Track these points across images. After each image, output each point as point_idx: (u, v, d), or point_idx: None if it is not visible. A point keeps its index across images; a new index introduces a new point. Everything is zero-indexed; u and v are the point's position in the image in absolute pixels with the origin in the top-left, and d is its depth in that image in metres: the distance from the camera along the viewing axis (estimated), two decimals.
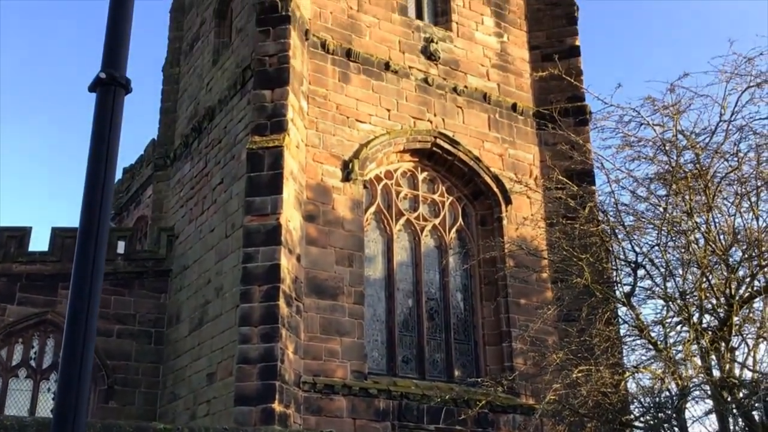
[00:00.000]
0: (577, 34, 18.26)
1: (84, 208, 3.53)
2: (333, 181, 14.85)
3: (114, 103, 3.55)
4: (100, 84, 3.53)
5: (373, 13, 16.67)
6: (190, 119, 18.13)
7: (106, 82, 3.52)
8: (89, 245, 3.79)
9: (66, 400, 3.18)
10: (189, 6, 20.10)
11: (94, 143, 3.65)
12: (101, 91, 3.54)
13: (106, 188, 3.74)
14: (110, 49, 3.57)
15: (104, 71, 3.51)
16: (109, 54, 3.56)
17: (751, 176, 9.99)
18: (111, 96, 3.55)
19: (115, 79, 3.53)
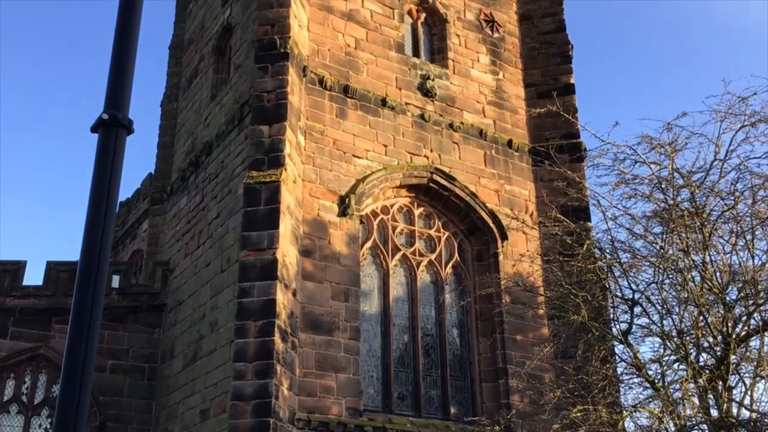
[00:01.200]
0: (571, 72, 18.49)
1: (84, 247, 3.52)
2: (329, 216, 14.87)
3: (116, 143, 3.58)
4: (102, 125, 3.55)
5: (371, 50, 16.88)
6: (188, 154, 18.20)
7: (108, 122, 3.55)
8: (88, 285, 3.78)
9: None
10: (188, 43, 20.31)
11: (95, 183, 3.66)
12: (103, 131, 3.57)
13: (107, 228, 3.75)
14: (113, 91, 3.60)
15: (107, 112, 3.54)
16: (112, 95, 3.59)
17: (746, 215, 10.06)
18: (113, 136, 3.58)
19: (117, 120, 3.55)
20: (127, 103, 3.65)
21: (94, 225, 3.75)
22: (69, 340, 3.53)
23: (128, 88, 3.65)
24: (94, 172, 3.67)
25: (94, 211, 3.76)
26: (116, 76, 3.64)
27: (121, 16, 3.61)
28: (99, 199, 3.74)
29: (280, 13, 15.22)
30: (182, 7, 21.14)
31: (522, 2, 19.55)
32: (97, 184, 3.70)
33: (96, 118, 3.56)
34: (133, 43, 3.69)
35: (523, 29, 19.26)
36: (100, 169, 3.64)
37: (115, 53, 3.64)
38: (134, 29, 3.63)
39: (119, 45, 3.64)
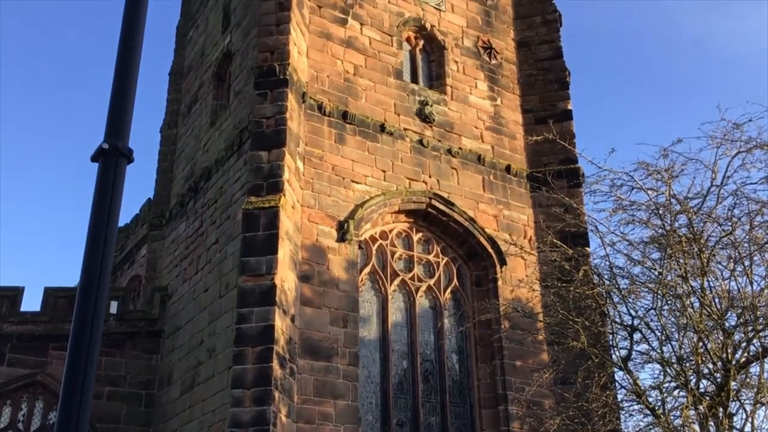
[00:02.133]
0: (569, 98, 18.61)
1: (83, 278, 3.53)
2: (328, 242, 14.86)
3: (116, 172, 3.60)
4: (102, 154, 3.58)
5: (369, 76, 17.00)
6: (187, 179, 18.25)
7: (108, 152, 3.58)
8: (87, 313, 3.78)
9: None
10: (188, 69, 20.47)
11: (94, 212, 3.68)
12: (103, 161, 3.59)
13: (106, 256, 3.76)
14: (113, 120, 3.64)
15: (107, 142, 3.57)
16: (113, 125, 3.63)
17: (744, 241, 10.07)
18: (113, 166, 3.60)
19: (117, 149, 3.58)
20: (128, 132, 3.68)
21: (94, 254, 3.76)
22: (67, 367, 3.53)
23: (128, 118, 3.68)
24: (94, 201, 3.69)
25: (93, 240, 3.77)
26: (117, 106, 3.67)
27: (122, 47, 3.65)
28: (98, 228, 3.76)
29: (280, 41, 15.36)
30: (182, 34, 21.33)
31: (519, 29, 19.75)
32: (96, 213, 3.72)
33: (96, 148, 3.59)
34: (134, 73, 3.73)
35: (520, 56, 19.43)
36: (99, 198, 3.66)
37: (116, 83, 3.68)
38: (135, 60, 3.67)
39: (120, 75, 3.68)
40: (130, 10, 3.60)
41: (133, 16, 3.57)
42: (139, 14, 3.55)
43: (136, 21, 3.57)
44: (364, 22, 17.49)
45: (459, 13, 19.08)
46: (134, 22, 3.55)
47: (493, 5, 19.77)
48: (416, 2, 18.50)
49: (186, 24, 21.43)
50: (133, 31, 3.59)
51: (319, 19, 16.87)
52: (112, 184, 3.61)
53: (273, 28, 15.53)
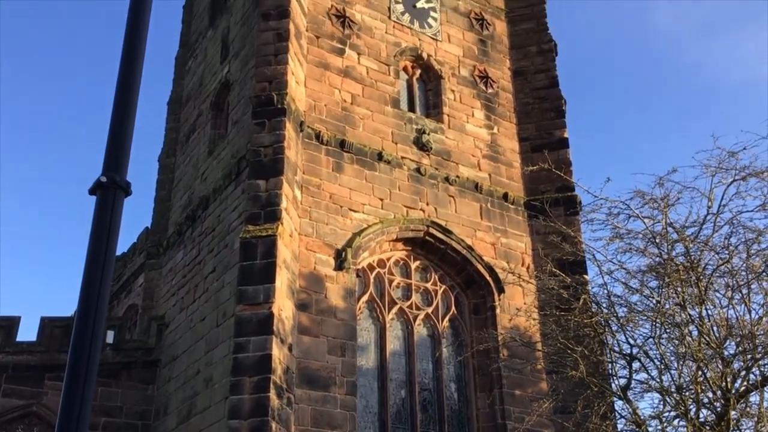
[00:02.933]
0: (565, 126, 18.73)
1: (80, 310, 3.52)
2: (326, 270, 14.84)
3: (113, 205, 3.61)
4: (100, 187, 3.60)
5: (367, 105, 17.12)
6: (185, 208, 18.27)
7: (106, 185, 3.59)
8: (84, 345, 3.76)
9: None
10: (186, 99, 20.60)
11: (92, 245, 3.68)
12: (101, 194, 3.60)
13: (103, 288, 3.75)
14: (112, 153, 3.65)
15: (105, 175, 3.58)
16: (111, 158, 3.64)
17: (741, 269, 10.08)
18: (111, 199, 3.62)
19: (115, 182, 3.59)
20: (126, 165, 3.70)
21: (91, 286, 3.76)
22: (63, 397, 3.51)
23: (127, 151, 3.70)
24: (92, 233, 3.70)
25: (90, 273, 3.76)
26: (115, 139, 3.69)
27: (120, 81, 3.69)
28: (96, 261, 3.76)
29: (278, 71, 15.49)
30: (181, 64, 21.51)
31: (515, 59, 19.93)
32: (94, 246, 3.72)
33: (94, 181, 3.60)
34: (133, 107, 3.76)
35: (516, 85, 19.59)
36: (97, 230, 3.66)
37: (115, 117, 3.71)
38: (133, 93, 3.70)
39: (118, 109, 3.71)
40: (128, 46, 3.65)
41: (131, 53, 3.61)
42: (137, 50, 3.59)
43: (134, 57, 3.61)
44: (362, 51, 17.66)
45: (455, 43, 19.27)
46: (133, 58, 3.59)
47: (489, 35, 19.99)
48: (413, 32, 18.71)
49: (185, 54, 21.62)
50: (131, 66, 3.63)
51: (316, 50, 17.03)
52: (110, 217, 3.62)
53: (271, 58, 15.67)
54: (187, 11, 22.50)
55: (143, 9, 3.64)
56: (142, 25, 3.61)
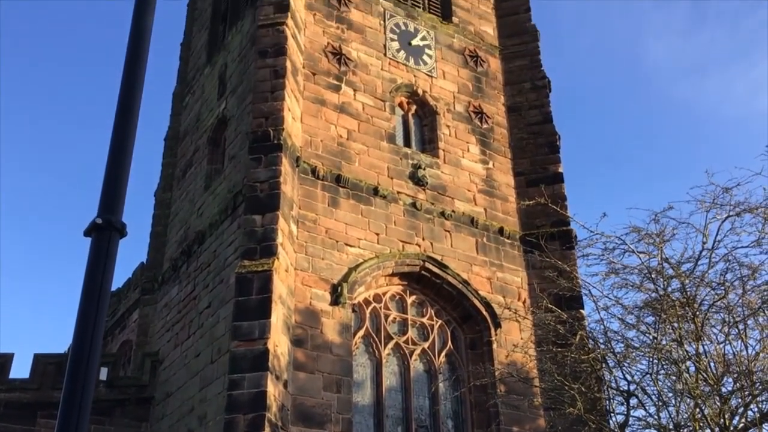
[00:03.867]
0: (559, 161, 18.84)
1: (74, 351, 3.50)
2: (322, 305, 14.79)
3: (108, 247, 3.62)
4: (95, 229, 3.60)
5: (363, 140, 17.22)
6: (180, 243, 18.24)
7: (102, 227, 3.60)
8: (77, 384, 3.73)
9: None
10: (183, 134, 20.72)
11: (86, 286, 3.67)
12: (96, 235, 3.61)
13: (97, 328, 3.74)
14: (107, 195, 3.67)
15: (101, 217, 3.59)
16: (106, 200, 3.66)
17: (737, 305, 10.08)
18: (106, 240, 3.62)
19: (111, 224, 3.60)
20: (121, 207, 3.71)
21: (85, 327, 3.74)
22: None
23: (123, 193, 3.72)
24: (86, 275, 3.69)
25: (84, 314, 3.75)
26: (111, 181, 3.71)
27: (117, 125, 3.72)
28: (90, 302, 3.75)
29: (275, 107, 15.61)
30: (179, 100, 21.68)
31: (509, 95, 20.13)
32: (88, 287, 3.71)
33: (89, 223, 3.61)
34: (129, 150, 3.78)
35: (511, 120, 19.76)
36: (92, 272, 3.65)
37: (111, 158, 3.73)
38: (130, 136, 3.73)
39: (115, 151, 3.74)
40: (125, 91, 3.68)
41: (128, 98, 3.65)
42: (134, 95, 3.62)
43: (131, 102, 3.65)
44: (358, 88, 17.83)
45: (450, 79, 19.48)
46: (130, 103, 3.63)
47: (484, 72, 20.22)
48: (408, 69, 18.91)
49: (182, 90, 21.80)
50: (128, 110, 3.67)
51: (313, 86, 17.19)
52: (105, 258, 3.62)
53: (268, 94, 15.81)
54: (185, 49, 22.75)
55: (141, 53, 3.69)
56: (139, 71, 3.66)
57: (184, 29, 23.36)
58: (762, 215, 10.06)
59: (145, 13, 3.87)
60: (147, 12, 3.86)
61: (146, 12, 3.86)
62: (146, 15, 3.86)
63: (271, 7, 16.77)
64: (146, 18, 3.83)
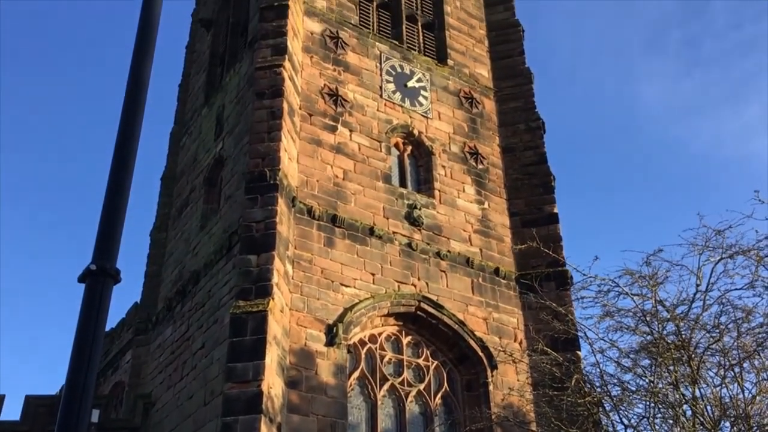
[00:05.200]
0: (554, 202, 18.93)
1: (66, 395, 3.48)
2: (317, 346, 14.68)
3: (102, 293, 3.63)
4: (90, 275, 3.62)
5: (358, 181, 17.32)
6: (175, 283, 18.18)
7: (96, 273, 3.61)
8: (69, 428, 3.70)
9: None
10: (180, 174, 20.80)
11: (80, 331, 3.67)
12: (90, 282, 3.62)
13: (89, 374, 3.73)
14: (102, 242, 3.69)
15: (95, 263, 3.61)
16: (101, 246, 3.68)
17: (733, 348, 10.05)
18: (100, 287, 3.63)
19: (105, 270, 3.62)
20: (116, 253, 3.73)
21: (78, 372, 3.73)
22: None
23: (117, 239, 3.74)
24: (80, 320, 3.69)
25: (77, 359, 3.75)
26: (106, 228, 3.73)
27: (113, 171, 3.75)
28: (83, 347, 3.75)
29: (271, 147, 15.72)
30: (176, 140, 21.83)
31: (504, 136, 20.33)
32: (81, 333, 3.72)
33: (84, 269, 3.62)
34: (124, 196, 3.82)
35: (506, 161, 19.90)
36: (85, 318, 3.66)
37: (106, 205, 3.76)
38: (126, 183, 3.77)
39: (110, 198, 3.77)
40: (122, 143, 3.73)
41: (123, 151, 3.70)
42: (129, 149, 3.67)
43: (126, 155, 3.69)
44: (354, 128, 17.99)
45: (446, 120, 19.67)
46: (125, 156, 3.67)
47: (479, 113, 20.44)
48: (404, 110, 19.11)
49: (180, 131, 21.96)
50: (123, 162, 3.71)
51: (309, 126, 17.34)
52: (98, 304, 3.62)
53: (265, 135, 15.93)
54: (183, 90, 23.00)
55: (136, 114, 3.74)
56: (135, 125, 3.71)
57: (183, 71, 23.65)
58: (754, 258, 10.10)
59: (144, 60, 3.94)
60: (146, 59, 3.93)
61: (145, 59, 3.93)
62: (145, 62, 3.93)
63: (268, 50, 17.00)
64: (145, 65, 3.90)
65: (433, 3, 21.92)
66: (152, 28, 3.98)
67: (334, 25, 19.16)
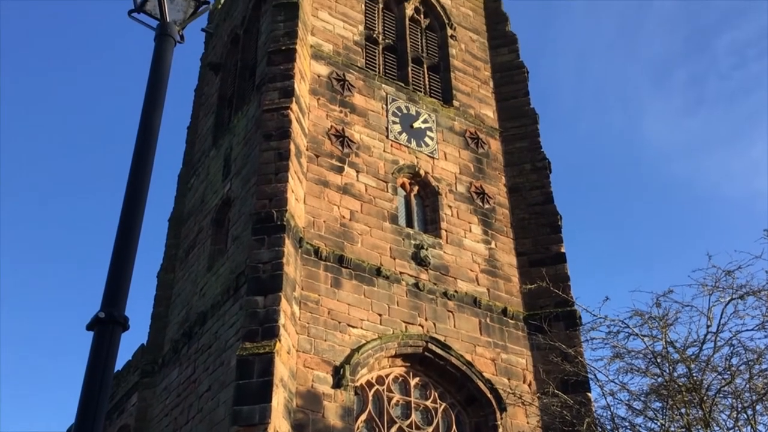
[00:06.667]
0: (561, 241, 18.88)
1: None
2: (324, 388, 14.55)
3: (111, 340, 3.63)
4: (98, 323, 3.63)
5: (365, 221, 17.35)
6: (182, 324, 18.13)
7: (104, 320, 3.62)
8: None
9: None
10: (188, 215, 20.91)
11: (88, 378, 3.67)
12: (99, 329, 3.63)
13: (97, 420, 3.71)
14: (111, 290, 3.71)
15: (103, 311, 3.62)
16: (109, 294, 3.70)
17: (745, 390, 9.91)
18: (108, 334, 3.64)
19: (114, 318, 3.63)
20: (125, 301, 3.74)
21: (85, 419, 3.72)
22: None
23: (126, 288, 3.76)
24: (88, 367, 3.69)
25: (85, 405, 3.73)
26: (115, 276, 3.75)
27: (122, 221, 3.79)
28: (91, 394, 3.74)
29: (278, 188, 15.81)
30: (184, 182, 22.00)
31: (510, 176, 20.40)
32: (89, 380, 3.71)
33: (92, 317, 3.63)
34: (133, 247, 3.84)
35: (512, 200, 19.94)
36: (93, 365, 3.66)
37: (115, 255, 3.79)
38: (135, 232, 3.80)
39: (119, 248, 3.80)
40: (131, 191, 3.77)
41: (133, 202, 3.73)
42: (139, 200, 3.71)
43: (135, 206, 3.73)
44: (360, 169, 18.09)
45: (452, 161, 19.78)
46: (134, 207, 3.71)
47: (484, 153, 20.55)
48: (410, 151, 19.24)
49: (188, 172, 22.15)
50: (133, 212, 3.75)
51: (316, 167, 17.46)
52: (107, 352, 3.63)
53: (272, 176, 16.04)
54: (191, 132, 23.27)
55: (146, 164, 3.79)
56: (145, 174, 3.76)
57: (191, 114, 23.95)
58: (765, 298, 10.02)
59: (154, 111, 4.00)
60: (156, 110, 4.00)
61: (155, 110, 4.00)
62: (155, 113, 3.99)
63: (276, 93, 17.22)
64: (155, 116, 3.96)
65: (439, 46, 22.23)
66: (163, 80, 4.05)
67: (341, 67, 19.42)
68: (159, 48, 4.43)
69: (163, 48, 4.43)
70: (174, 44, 4.50)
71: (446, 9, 22.83)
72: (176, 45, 4.55)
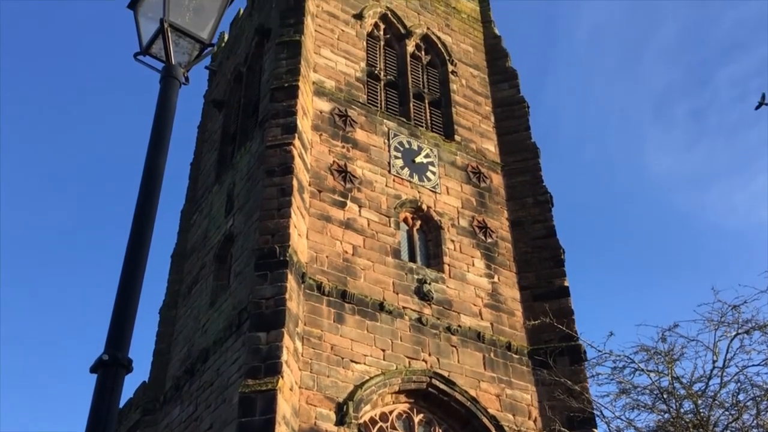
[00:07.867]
0: (565, 275, 18.82)
1: None
2: (327, 425, 14.39)
3: (114, 383, 3.61)
4: (102, 365, 3.62)
5: (368, 256, 17.33)
6: (184, 361, 18.02)
7: (108, 363, 3.62)
8: None
9: None
10: (190, 251, 20.92)
11: (91, 422, 3.64)
12: (102, 372, 3.62)
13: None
14: (114, 332, 3.71)
15: (107, 353, 3.62)
16: (113, 336, 3.69)
17: (752, 426, 9.80)
18: (112, 377, 3.62)
19: (117, 360, 3.62)
20: (128, 343, 3.74)
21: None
22: None
23: (130, 329, 3.76)
24: (91, 410, 3.67)
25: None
26: (119, 318, 3.76)
27: (126, 263, 3.80)
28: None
29: (281, 224, 15.84)
30: (187, 218, 22.06)
31: (512, 210, 20.42)
32: (93, 422, 3.68)
33: (96, 359, 3.62)
34: (137, 285, 3.85)
35: (515, 234, 19.93)
36: (97, 407, 3.64)
37: (119, 296, 3.79)
38: (139, 272, 3.81)
39: (123, 290, 3.80)
40: (136, 233, 3.79)
41: (137, 246, 3.75)
42: (143, 243, 3.73)
43: (139, 249, 3.75)
44: (363, 204, 18.14)
45: (454, 195, 19.83)
46: (138, 250, 3.73)
47: (487, 187, 20.61)
48: (413, 185, 19.30)
49: (191, 208, 22.22)
50: (137, 254, 3.77)
51: (318, 203, 17.50)
52: (110, 394, 3.61)
53: (275, 212, 16.08)
54: (194, 168, 23.41)
55: (150, 207, 3.82)
56: (148, 222, 3.78)
57: (194, 150, 24.12)
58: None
59: (159, 153, 4.04)
60: (161, 152, 4.04)
61: (160, 152, 4.04)
62: (160, 155, 4.03)
63: (278, 129, 17.35)
64: (160, 158, 4.00)
65: (440, 81, 22.44)
66: (168, 121, 4.10)
67: (343, 103, 19.59)
68: (164, 90, 4.48)
69: (169, 90, 4.49)
70: (179, 86, 4.57)
71: (447, 46, 23.10)
72: (181, 86, 4.61)
